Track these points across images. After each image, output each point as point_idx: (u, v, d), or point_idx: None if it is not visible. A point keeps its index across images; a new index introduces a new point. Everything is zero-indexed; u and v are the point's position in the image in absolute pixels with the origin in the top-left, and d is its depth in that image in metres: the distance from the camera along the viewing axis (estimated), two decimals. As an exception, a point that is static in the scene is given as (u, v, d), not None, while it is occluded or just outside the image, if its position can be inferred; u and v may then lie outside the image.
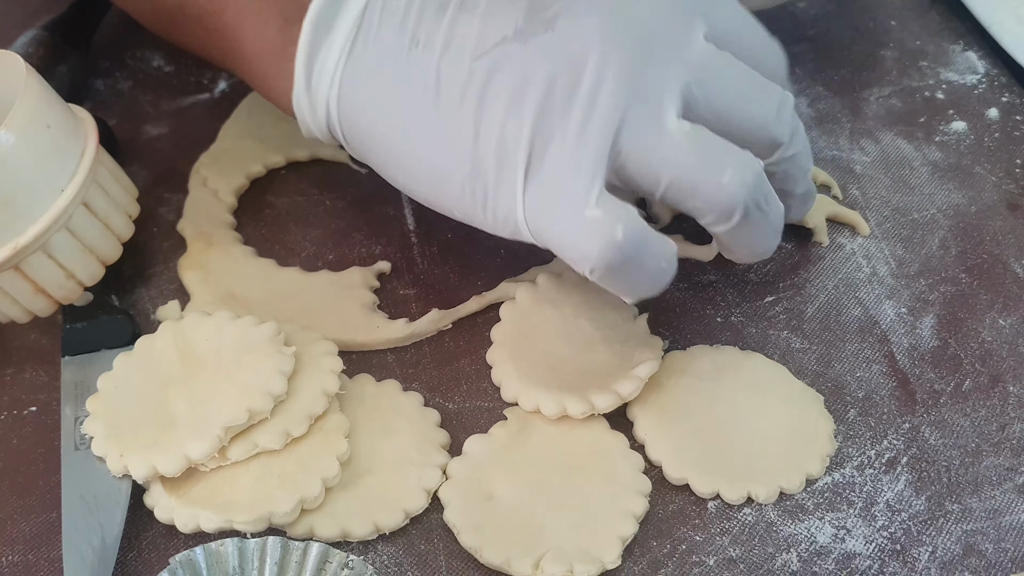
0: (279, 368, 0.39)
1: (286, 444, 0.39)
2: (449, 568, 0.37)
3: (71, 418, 0.41)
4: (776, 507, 0.38)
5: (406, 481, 0.39)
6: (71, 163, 0.41)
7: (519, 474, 0.39)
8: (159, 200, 0.49)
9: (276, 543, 0.36)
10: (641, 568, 0.37)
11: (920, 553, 0.37)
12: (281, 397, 0.39)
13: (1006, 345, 0.43)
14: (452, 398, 0.42)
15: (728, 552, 0.37)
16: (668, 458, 0.39)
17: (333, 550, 0.36)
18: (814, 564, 0.37)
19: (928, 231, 0.47)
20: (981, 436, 0.40)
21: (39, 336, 0.44)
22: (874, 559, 0.37)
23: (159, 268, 0.47)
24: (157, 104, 0.53)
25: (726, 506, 0.39)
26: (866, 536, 0.38)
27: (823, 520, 0.38)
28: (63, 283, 0.42)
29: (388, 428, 0.41)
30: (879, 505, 0.38)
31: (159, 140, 0.52)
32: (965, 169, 0.49)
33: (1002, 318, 0.44)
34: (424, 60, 0.37)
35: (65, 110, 0.42)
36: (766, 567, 0.37)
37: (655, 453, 0.39)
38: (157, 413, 0.39)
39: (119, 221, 0.44)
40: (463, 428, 0.41)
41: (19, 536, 0.39)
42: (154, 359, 0.41)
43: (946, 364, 0.42)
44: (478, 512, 0.38)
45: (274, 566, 0.36)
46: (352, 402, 0.41)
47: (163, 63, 0.55)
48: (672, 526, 0.38)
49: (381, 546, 0.38)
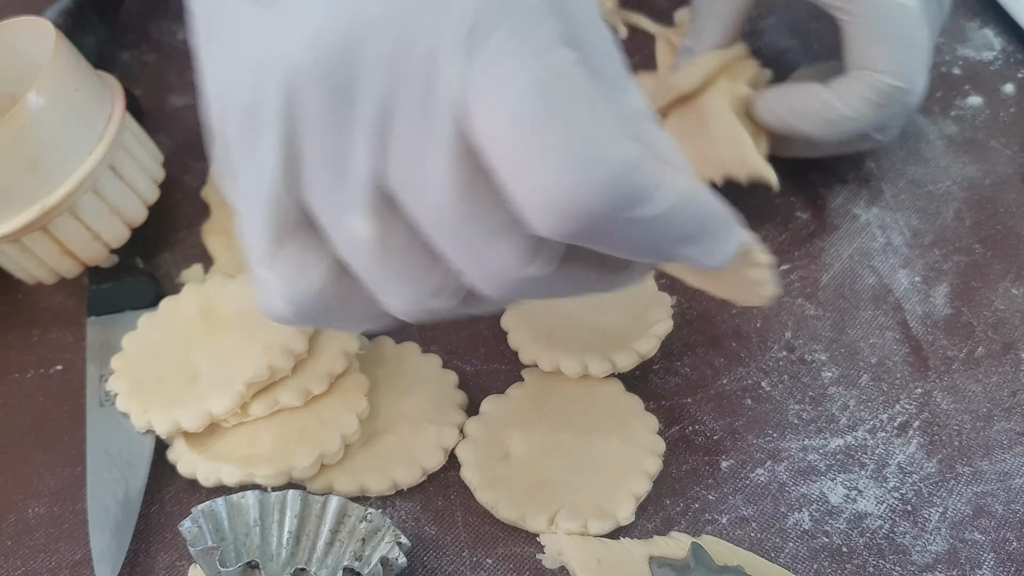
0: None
1: (307, 401, 0.40)
2: (465, 523, 0.38)
3: (96, 376, 0.42)
4: (788, 469, 0.39)
5: (424, 439, 0.40)
6: (98, 126, 0.42)
7: (535, 433, 0.40)
8: (183, 168, 0.50)
9: (296, 496, 0.37)
10: (655, 525, 0.38)
11: (931, 514, 0.38)
12: (302, 355, 0.40)
13: (1019, 314, 0.43)
14: (470, 360, 0.43)
15: (741, 511, 0.38)
16: (525, 342, 0.41)
17: (352, 504, 0.37)
18: (825, 523, 0.38)
19: (943, 203, 0.47)
20: (993, 401, 0.41)
21: (65, 298, 0.45)
22: (885, 519, 0.38)
23: (183, 233, 0.47)
24: (182, 75, 0.54)
25: (739, 466, 0.39)
26: (877, 497, 0.38)
27: (835, 481, 0.39)
28: (89, 244, 0.43)
29: (407, 388, 0.42)
30: (891, 467, 0.39)
31: (184, 110, 0.52)
32: (980, 143, 0.50)
33: (1015, 287, 0.44)
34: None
35: (93, 75, 0.43)
36: (778, 526, 0.38)
37: (514, 340, 0.41)
38: (180, 370, 0.40)
39: (144, 185, 0.44)
40: (480, 389, 0.42)
41: (45, 489, 0.40)
42: (178, 319, 0.42)
43: (959, 331, 0.43)
44: (494, 470, 0.38)
45: (294, 518, 0.36)
46: (372, 363, 0.42)
47: (188, 36, 0.56)
48: (686, 485, 0.39)
49: (399, 502, 0.39)
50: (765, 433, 0.40)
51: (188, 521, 0.35)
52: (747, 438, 0.40)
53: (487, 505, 0.38)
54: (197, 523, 0.35)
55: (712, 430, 0.40)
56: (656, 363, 0.42)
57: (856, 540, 0.37)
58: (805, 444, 0.40)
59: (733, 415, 0.41)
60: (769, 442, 0.40)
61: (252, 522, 0.36)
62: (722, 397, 0.41)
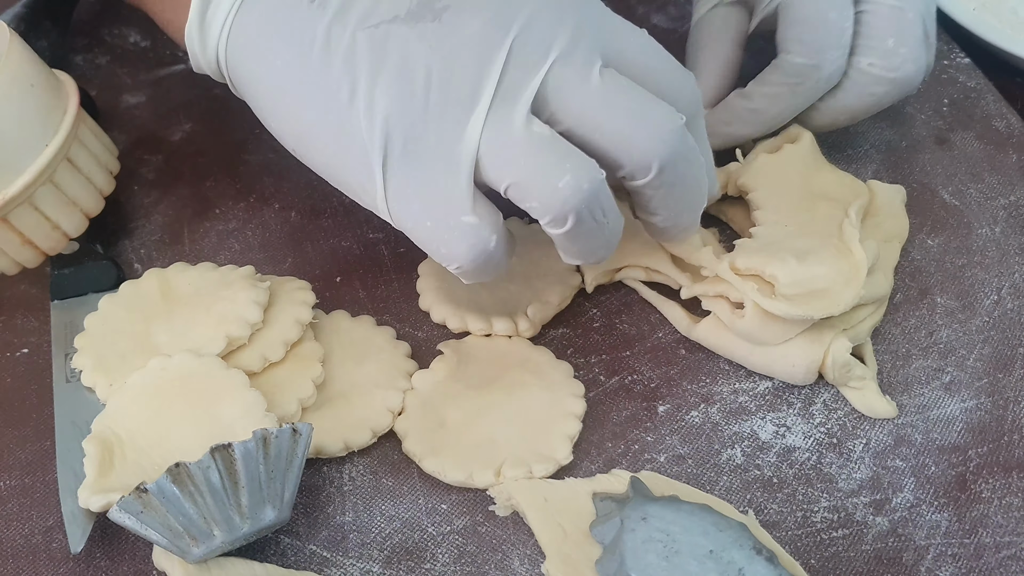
0: (254, 299, 0.42)
1: (264, 368, 0.42)
2: (420, 474, 0.40)
3: (61, 355, 0.44)
4: (721, 410, 0.41)
5: (372, 403, 0.42)
6: (54, 121, 0.44)
7: (464, 399, 0.42)
8: (139, 161, 0.52)
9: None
10: (598, 466, 0.40)
11: (855, 445, 0.40)
12: (257, 325, 0.42)
13: (934, 262, 0.46)
14: (421, 327, 0.45)
15: (677, 450, 0.40)
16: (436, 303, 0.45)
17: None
18: (757, 457, 0.40)
19: (862, 164, 0.50)
20: (911, 342, 0.43)
21: (28, 286, 0.47)
22: (812, 451, 0.40)
23: (141, 222, 0.49)
24: (135, 75, 0.56)
25: (675, 409, 0.42)
26: (805, 432, 0.41)
27: (764, 419, 0.41)
28: (49, 234, 0.45)
29: (360, 357, 0.44)
30: (817, 405, 0.42)
31: (137, 108, 0.55)
32: (896, 109, 0.52)
33: (930, 239, 0.47)
34: (316, 18, 0.37)
35: (48, 72, 0.45)
36: (712, 461, 0.40)
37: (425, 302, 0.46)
38: (141, 344, 0.42)
39: (100, 176, 0.46)
40: (433, 355, 0.44)
41: (15, 463, 0.41)
42: (138, 299, 0.44)
43: (878, 279, 0.45)
44: (434, 439, 0.41)
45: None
46: (328, 334, 0.44)
47: (139, 39, 0.58)
48: (625, 429, 0.41)
49: (357, 458, 0.41)
50: (699, 379, 0.42)
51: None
52: (682, 384, 0.42)
53: (434, 472, 0.40)
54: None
55: (649, 379, 0.43)
56: (596, 321, 0.45)
57: (786, 471, 0.40)
58: (736, 387, 0.42)
59: (668, 364, 0.43)
60: (702, 387, 0.42)
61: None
62: (658, 349, 0.44)
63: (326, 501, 0.40)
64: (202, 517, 0.35)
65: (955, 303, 0.45)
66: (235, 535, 0.35)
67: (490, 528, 0.39)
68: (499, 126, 0.36)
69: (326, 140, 0.38)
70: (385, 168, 0.37)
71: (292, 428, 0.37)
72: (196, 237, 0.49)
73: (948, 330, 0.44)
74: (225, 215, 0.50)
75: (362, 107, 0.36)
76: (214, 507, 0.35)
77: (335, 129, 0.37)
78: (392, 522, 0.39)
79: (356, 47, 0.37)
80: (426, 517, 0.39)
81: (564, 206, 0.36)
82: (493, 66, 0.36)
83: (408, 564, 0.38)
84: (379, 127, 0.36)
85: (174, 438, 0.39)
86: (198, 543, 0.35)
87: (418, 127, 0.36)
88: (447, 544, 0.38)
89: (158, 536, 0.35)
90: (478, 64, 0.36)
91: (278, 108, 0.39)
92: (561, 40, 0.36)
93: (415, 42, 0.36)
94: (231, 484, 0.35)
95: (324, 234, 0.49)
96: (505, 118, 0.36)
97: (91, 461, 0.38)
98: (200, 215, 0.50)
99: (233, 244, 0.48)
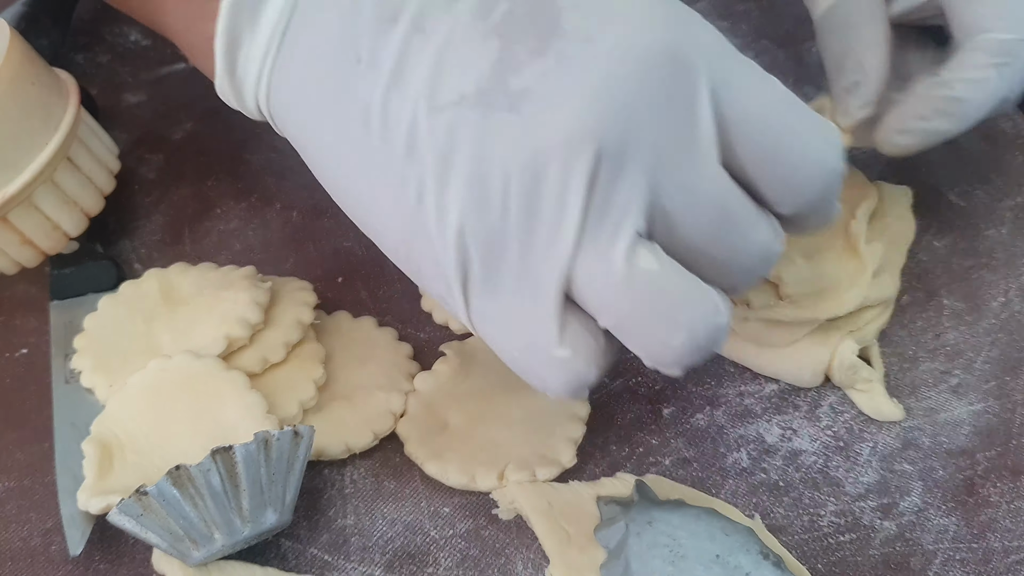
0: (255, 299, 0.42)
1: (265, 369, 0.41)
2: (423, 477, 0.40)
3: (61, 355, 0.43)
4: (726, 413, 0.41)
5: (374, 405, 0.41)
6: (54, 119, 0.44)
7: (467, 401, 0.41)
8: (140, 160, 0.51)
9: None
10: (602, 470, 0.40)
11: (862, 448, 0.40)
12: (258, 326, 0.42)
13: (940, 264, 0.46)
14: (423, 328, 0.45)
15: (683, 453, 0.40)
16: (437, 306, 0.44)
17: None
18: (763, 461, 0.40)
19: (866, 165, 0.50)
20: (918, 344, 0.43)
21: (27, 286, 0.47)
22: (819, 455, 0.40)
23: (141, 222, 0.49)
24: (136, 74, 0.56)
25: (680, 412, 0.41)
26: (811, 435, 0.40)
27: (771, 423, 0.41)
28: (49, 233, 0.44)
29: (362, 358, 0.43)
30: (823, 407, 0.41)
31: (138, 107, 0.54)
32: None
33: (937, 240, 0.47)
34: (367, 84, 0.30)
35: (48, 71, 0.45)
36: (718, 465, 0.40)
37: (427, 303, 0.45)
38: (142, 345, 0.42)
39: (101, 175, 0.46)
40: (436, 356, 0.43)
41: (14, 465, 0.41)
42: (139, 299, 0.43)
43: (885, 281, 0.45)
44: (436, 442, 0.40)
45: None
46: (329, 335, 0.44)
47: (140, 37, 0.58)
48: (630, 432, 0.41)
49: (358, 461, 0.41)
50: (704, 382, 0.42)
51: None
52: (687, 387, 0.42)
53: (436, 476, 0.39)
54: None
55: (654, 381, 0.42)
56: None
57: (792, 475, 0.39)
58: (742, 390, 0.42)
59: (674, 367, 0.43)
60: (708, 389, 0.42)
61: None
62: (663, 351, 0.43)
63: (327, 504, 0.39)
64: (202, 520, 0.34)
65: (962, 305, 0.44)
66: (236, 538, 0.35)
67: (493, 532, 0.38)
68: (595, 256, 0.29)
69: (398, 239, 0.32)
70: (466, 287, 0.31)
71: (294, 431, 0.36)
72: (197, 237, 0.48)
73: (955, 332, 0.43)
74: (226, 215, 0.49)
75: (432, 211, 0.30)
76: (215, 510, 0.34)
77: (406, 229, 0.31)
78: (394, 525, 0.39)
79: (418, 133, 0.30)
80: (428, 520, 0.39)
81: (677, 363, 0.31)
82: (583, 179, 0.29)
83: (410, 568, 0.37)
84: (453, 241, 0.30)
85: (174, 440, 0.39)
86: (198, 546, 0.35)
87: (497, 245, 0.30)
88: (449, 548, 0.38)
89: (158, 539, 0.35)
90: (565, 173, 0.29)
91: (339, 188, 0.33)
92: (673, 126, 0.29)
93: (489, 138, 0.29)
94: (232, 487, 0.35)
95: (326, 234, 0.48)
96: (602, 247, 0.29)
97: (90, 463, 0.38)
98: (201, 215, 0.49)
99: (234, 244, 0.48)
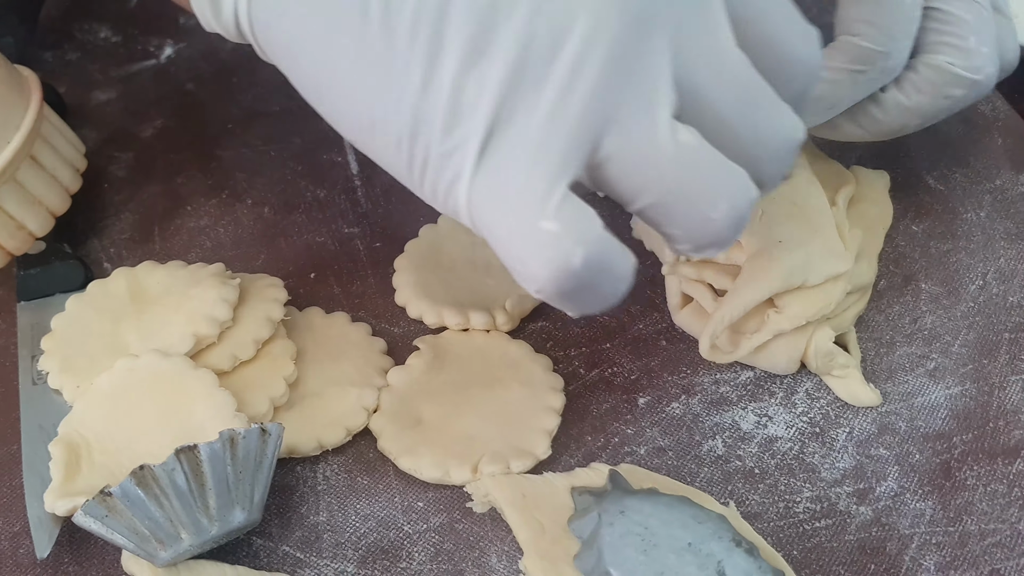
0: (223, 297, 0.41)
1: (235, 367, 0.41)
2: (396, 472, 0.39)
3: (28, 357, 0.43)
4: (702, 401, 0.41)
5: (347, 400, 0.41)
6: (16, 118, 0.43)
7: (440, 395, 0.41)
8: (110, 159, 0.51)
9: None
10: (577, 460, 0.39)
11: (838, 434, 0.40)
12: (227, 323, 0.41)
13: (918, 248, 0.45)
14: (397, 323, 0.44)
15: (658, 442, 0.40)
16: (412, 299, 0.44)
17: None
18: (738, 448, 0.39)
19: (845, 149, 0.49)
20: (895, 329, 0.43)
21: (-6, 288, 0.46)
22: (794, 441, 0.39)
23: (110, 220, 0.49)
24: (105, 71, 0.55)
25: (655, 401, 0.41)
26: (787, 422, 0.40)
27: (746, 410, 0.40)
28: (14, 233, 0.44)
29: (335, 354, 0.43)
30: (799, 394, 0.41)
31: (108, 104, 0.54)
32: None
33: (915, 224, 0.46)
34: None
35: (9, 68, 0.44)
36: (693, 453, 0.39)
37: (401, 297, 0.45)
38: (109, 345, 0.41)
39: (66, 174, 0.45)
40: (410, 351, 0.43)
41: (-19, 468, 0.40)
42: (106, 299, 0.43)
43: (861, 266, 0.45)
44: (410, 436, 0.40)
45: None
46: (301, 331, 0.43)
47: (110, 34, 0.57)
48: (605, 422, 0.40)
49: (331, 457, 0.40)
50: (679, 370, 0.42)
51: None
52: (662, 376, 0.42)
53: (410, 471, 0.39)
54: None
55: (629, 371, 0.42)
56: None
57: (768, 462, 0.39)
58: (717, 378, 0.41)
59: (649, 356, 0.42)
60: (683, 378, 0.41)
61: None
62: (638, 340, 0.43)
63: (299, 501, 0.39)
64: (168, 520, 0.34)
65: (940, 289, 0.44)
66: (203, 538, 0.34)
67: (467, 525, 0.38)
68: (640, 130, 0.28)
69: (398, 134, 0.30)
70: (478, 161, 0.29)
71: (261, 428, 0.36)
72: (167, 235, 0.48)
73: (933, 316, 0.43)
74: (197, 212, 0.49)
75: (447, 93, 0.28)
76: (180, 510, 0.34)
77: (409, 121, 0.29)
78: (367, 521, 0.38)
79: (429, 11, 0.28)
80: (402, 515, 0.38)
81: (716, 238, 0.30)
82: (611, 35, 0.28)
83: (384, 563, 0.37)
84: (481, 118, 0.28)
85: (142, 440, 0.38)
86: (165, 547, 0.34)
87: (516, 110, 0.28)
88: (423, 542, 0.37)
89: (124, 540, 0.34)
90: (591, 30, 0.28)
91: (330, 93, 0.31)
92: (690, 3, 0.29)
93: (533, 3, 0.28)
94: (198, 486, 0.34)
95: (298, 230, 0.48)
96: (645, 116, 0.28)
97: (57, 465, 0.38)
98: (171, 212, 0.49)
99: (205, 241, 0.48)
